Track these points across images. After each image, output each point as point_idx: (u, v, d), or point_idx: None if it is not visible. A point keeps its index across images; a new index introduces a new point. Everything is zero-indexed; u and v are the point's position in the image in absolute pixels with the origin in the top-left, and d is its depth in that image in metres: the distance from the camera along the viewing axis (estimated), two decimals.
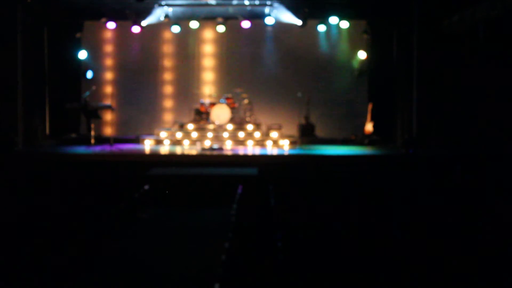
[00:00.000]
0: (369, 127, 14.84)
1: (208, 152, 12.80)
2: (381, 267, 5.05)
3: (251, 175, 10.72)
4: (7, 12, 13.56)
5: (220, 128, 14.78)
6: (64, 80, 15.57)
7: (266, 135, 14.70)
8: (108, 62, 16.30)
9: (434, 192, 9.03)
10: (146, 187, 9.17)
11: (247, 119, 15.25)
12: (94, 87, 14.83)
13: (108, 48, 16.31)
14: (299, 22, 15.47)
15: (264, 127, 15.12)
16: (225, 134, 14.49)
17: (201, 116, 15.19)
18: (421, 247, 5.65)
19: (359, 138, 14.90)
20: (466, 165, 11.06)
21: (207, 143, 13.84)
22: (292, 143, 14.21)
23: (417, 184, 10.10)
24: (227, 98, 15.13)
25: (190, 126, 14.97)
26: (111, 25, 15.57)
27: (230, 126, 14.84)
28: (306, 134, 15.06)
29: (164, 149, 13.54)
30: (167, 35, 16.18)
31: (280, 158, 12.57)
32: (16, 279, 4.88)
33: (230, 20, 15.64)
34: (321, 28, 15.61)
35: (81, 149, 13.23)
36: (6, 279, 4.88)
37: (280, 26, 15.69)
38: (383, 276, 4.84)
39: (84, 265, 6.03)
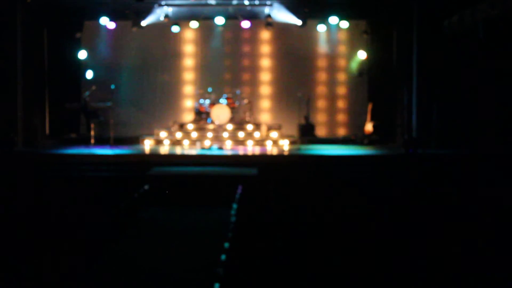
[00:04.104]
0: (369, 127, 14.85)
1: (208, 152, 12.79)
2: (381, 267, 5.05)
3: (251, 175, 10.72)
4: (7, 12, 13.56)
5: (220, 128, 14.78)
6: (64, 80, 15.55)
7: (266, 135, 14.70)
8: (109, 62, 16.27)
9: (433, 192, 9.03)
10: (146, 187, 9.17)
11: (247, 119, 15.25)
12: (94, 87, 14.82)
13: (109, 48, 16.28)
14: (299, 22, 15.47)
15: (264, 127, 15.11)
16: (225, 134, 14.49)
17: (201, 116, 15.20)
18: (421, 247, 5.65)
19: (359, 138, 14.90)
20: (466, 165, 11.06)
21: (207, 143, 13.84)
22: (292, 143, 14.21)
23: (417, 184, 10.10)
24: (227, 98, 15.14)
25: (190, 126, 14.97)
26: (111, 24, 15.55)
27: (230, 126, 14.83)
28: (306, 134, 15.06)
29: (164, 149, 13.54)
30: (167, 35, 16.17)
31: (280, 158, 12.57)
32: (16, 279, 4.88)
33: (230, 20, 15.64)
34: (321, 28, 15.61)
35: (81, 149, 13.23)
36: (6, 279, 4.88)
37: (280, 26, 15.70)
38: (383, 276, 4.84)
39: (84, 265, 6.03)
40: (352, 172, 11.52)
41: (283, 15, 15.41)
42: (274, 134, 14.66)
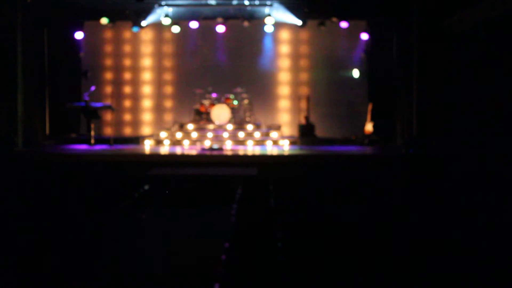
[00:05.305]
0: (369, 127, 14.85)
1: (208, 152, 12.80)
2: (381, 267, 5.05)
3: (251, 175, 10.73)
4: (7, 12, 13.56)
5: (220, 128, 14.78)
6: (64, 80, 15.57)
7: (266, 135, 14.71)
8: (108, 62, 16.31)
9: (433, 192, 9.03)
10: (146, 187, 9.16)
11: (247, 119, 15.26)
12: (94, 87, 14.84)
13: (108, 48, 16.31)
14: (299, 22, 15.48)
15: (264, 127, 15.12)
16: (225, 134, 14.50)
17: (201, 116, 15.20)
18: (421, 247, 5.65)
19: (359, 138, 14.90)
20: (466, 165, 11.06)
21: (207, 143, 13.84)
22: (292, 143, 14.22)
23: (417, 184, 10.10)
24: (226, 98, 15.15)
25: (190, 126, 14.98)
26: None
27: (230, 126, 14.84)
28: (306, 134, 15.06)
29: (164, 149, 13.55)
30: (167, 35, 16.19)
31: (280, 158, 12.58)
32: (16, 279, 4.88)
33: (230, 20, 15.65)
34: (321, 28, 15.61)
35: (81, 149, 13.23)
36: (6, 279, 4.88)
37: (280, 26, 15.70)
38: (383, 276, 4.84)
39: (84, 265, 6.03)
40: (352, 172, 11.52)
41: (283, 15, 15.42)
42: (274, 134, 14.66)
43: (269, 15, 15.21)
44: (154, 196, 9.53)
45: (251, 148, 13.73)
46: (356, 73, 15.71)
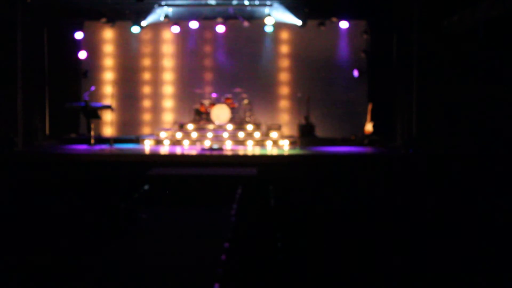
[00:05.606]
0: (369, 127, 14.84)
1: (208, 152, 12.80)
2: (381, 267, 5.05)
3: (251, 175, 10.72)
4: (7, 12, 13.56)
5: (220, 128, 14.78)
6: (64, 80, 15.57)
7: (266, 135, 14.71)
8: (108, 62, 16.32)
9: (433, 192, 9.03)
10: (146, 187, 9.16)
11: (247, 119, 15.26)
12: (94, 87, 14.84)
13: (108, 48, 16.32)
14: (299, 22, 15.48)
15: (264, 127, 15.12)
16: (225, 134, 14.50)
17: (201, 116, 15.20)
18: (421, 247, 5.65)
19: (359, 138, 14.89)
20: (466, 165, 11.06)
21: (207, 143, 13.84)
22: (292, 143, 14.22)
23: (417, 184, 10.10)
24: (226, 99, 15.15)
25: (190, 126, 14.98)
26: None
27: (230, 126, 14.84)
28: (306, 134, 15.05)
29: (164, 149, 13.55)
30: (167, 35, 16.20)
31: (280, 158, 12.57)
32: (16, 279, 4.88)
33: (230, 20, 15.65)
34: (321, 28, 15.61)
35: (81, 149, 13.23)
36: (6, 279, 4.88)
37: (280, 26, 15.70)
38: (382, 276, 4.84)
39: (84, 265, 6.02)
40: (352, 172, 11.52)
41: (283, 15, 15.42)
42: (274, 134, 14.67)
43: (269, 15, 15.21)
44: (154, 196, 9.54)
45: (251, 148, 13.72)
46: (356, 73, 15.71)
